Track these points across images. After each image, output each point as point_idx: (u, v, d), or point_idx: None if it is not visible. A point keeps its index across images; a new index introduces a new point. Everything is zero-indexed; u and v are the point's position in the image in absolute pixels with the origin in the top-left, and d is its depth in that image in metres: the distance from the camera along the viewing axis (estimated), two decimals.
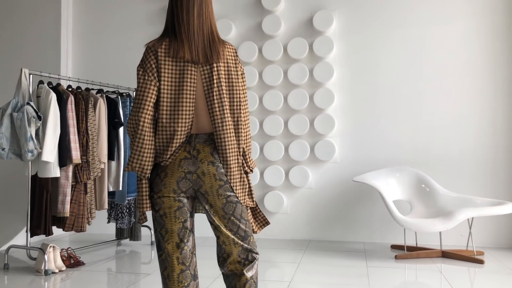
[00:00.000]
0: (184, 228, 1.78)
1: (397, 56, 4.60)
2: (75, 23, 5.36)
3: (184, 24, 1.72)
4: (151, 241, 4.55)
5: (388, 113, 4.59)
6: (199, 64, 1.73)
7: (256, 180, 4.75)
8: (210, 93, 1.73)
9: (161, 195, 1.74)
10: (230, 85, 1.77)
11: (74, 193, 3.75)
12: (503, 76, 4.38)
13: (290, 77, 4.71)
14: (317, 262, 3.80)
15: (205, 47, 1.73)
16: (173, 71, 1.71)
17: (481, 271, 3.57)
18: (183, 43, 1.71)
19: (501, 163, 4.35)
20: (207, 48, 1.73)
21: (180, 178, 1.73)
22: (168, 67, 1.70)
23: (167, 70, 1.70)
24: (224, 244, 1.77)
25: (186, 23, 1.72)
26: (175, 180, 1.73)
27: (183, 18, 1.72)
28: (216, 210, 1.76)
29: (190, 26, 1.72)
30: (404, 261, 3.83)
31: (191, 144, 1.74)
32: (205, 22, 1.75)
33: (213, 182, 1.73)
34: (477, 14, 4.45)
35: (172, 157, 1.73)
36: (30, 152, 3.47)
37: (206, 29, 1.75)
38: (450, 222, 3.71)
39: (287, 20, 4.83)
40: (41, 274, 3.46)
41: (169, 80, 1.71)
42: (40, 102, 3.66)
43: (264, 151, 4.76)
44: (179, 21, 1.73)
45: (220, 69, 1.74)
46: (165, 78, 1.70)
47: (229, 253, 1.78)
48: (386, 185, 4.17)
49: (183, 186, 1.74)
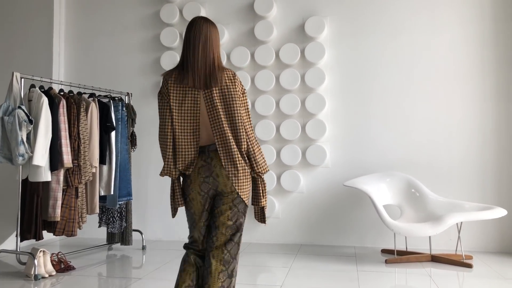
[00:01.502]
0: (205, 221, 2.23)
1: (388, 63, 4.65)
2: (67, 27, 5.36)
3: (190, 58, 2.13)
4: (142, 246, 4.54)
5: (378, 118, 4.64)
6: (201, 89, 2.12)
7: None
8: (210, 111, 2.13)
9: (190, 198, 2.20)
10: (227, 104, 2.12)
11: (65, 197, 3.74)
12: (491, 82, 4.46)
13: (282, 82, 4.74)
14: (308, 267, 3.82)
15: (206, 76, 2.12)
16: (179, 95, 2.13)
17: (470, 275, 3.61)
18: (188, 73, 2.12)
19: (489, 169, 4.41)
20: (207, 76, 2.12)
21: (201, 182, 2.16)
22: (175, 91, 2.13)
23: (175, 94, 2.13)
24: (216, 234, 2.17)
25: (191, 57, 2.13)
26: (198, 185, 2.17)
27: (190, 54, 2.14)
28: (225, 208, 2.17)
29: (195, 59, 2.12)
30: (394, 265, 3.87)
31: (205, 153, 2.16)
32: (208, 56, 2.13)
33: (226, 181, 2.13)
34: (466, 22, 4.53)
35: (192, 166, 2.15)
36: (21, 156, 3.46)
37: (208, 62, 2.13)
38: (439, 227, 3.75)
39: (279, 26, 4.87)
40: (31, 279, 3.44)
41: (176, 102, 2.13)
42: (31, 106, 3.65)
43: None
44: (187, 56, 2.14)
45: (218, 92, 2.12)
46: (173, 100, 2.13)
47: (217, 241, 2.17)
48: (377, 190, 4.21)
49: (205, 188, 2.16)
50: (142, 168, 5.03)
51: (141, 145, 4.97)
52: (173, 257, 4.14)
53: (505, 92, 4.43)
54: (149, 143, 5.05)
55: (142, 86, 5.14)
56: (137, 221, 4.88)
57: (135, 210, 4.81)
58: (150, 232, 4.95)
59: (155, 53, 5.13)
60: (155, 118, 5.09)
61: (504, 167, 4.39)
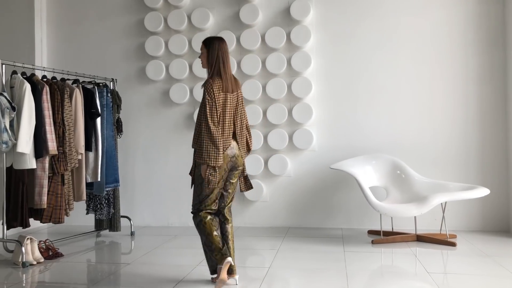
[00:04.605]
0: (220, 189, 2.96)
1: (373, 45, 4.66)
2: (49, 11, 5.25)
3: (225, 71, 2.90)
4: (131, 232, 4.54)
5: (364, 101, 4.67)
6: (233, 93, 2.94)
7: None
8: (236, 110, 2.96)
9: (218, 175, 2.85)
10: (242, 103, 3.02)
11: (51, 185, 3.71)
12: (474, 65, 4.50)
13: (268, 66, 4.73)
14: (296, 249, 3.87)
15: (232, 84, 2.94)
16: (222, 97, 2.86)
17: (454, 253, 3.70)
18: (226, 81, 2.89)
19: (472, 150, 4.49)
20: (234, 83, 2.97)
21: (228, 160, 2.88)
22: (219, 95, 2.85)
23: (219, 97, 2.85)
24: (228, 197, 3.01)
25: (224, 70, 2.90)
26: (226, 162, 2.87)
27: (223, 67, 2.90)
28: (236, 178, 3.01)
29: (229, 71, 2.93)
30: (380, 245, 3.94)
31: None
32: (230, 68, 2.96)
33: (240, 160, 2.96)
34: (449, 4, 4.55)
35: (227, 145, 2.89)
36: (4, 143, 3.42)
37: (230, 73, 2.96)
38: (424, 207, 3.82)
39: (264, 9, 4.84)
40: (19, 266, 3.43)
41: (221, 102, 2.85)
42: (14, 92, 3.59)
43: None
44: (223, 69, 2.90)
45: (239, 95, 3.00)
46: (219, 100, 2.84)
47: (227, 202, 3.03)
48: (363, 172, 4.26)
49: (229, 166, 2.90)
50: (129, 155, 5.01)
51: (127, 131, 4.93)
52: (161, 242, 4.16)
53: (488, 74, 4.48)
54: (135, 129, 5.02)
55: (127, 71, 5.08)
56: (125, 207, 4.88)
57: (122, 196, 4.80)
58: (139, 218, 4.95)
59: (139, 38, 5.06)
60: (140, 104, 5.06)
61: (486, 147, 4.47)
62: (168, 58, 4.98)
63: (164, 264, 3.48)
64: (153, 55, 4.98)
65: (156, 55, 4.97)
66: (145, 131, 5.02)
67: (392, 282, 3.10)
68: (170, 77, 4.93)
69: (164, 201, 4.96)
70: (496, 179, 4.43)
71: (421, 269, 3.26)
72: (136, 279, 3.13)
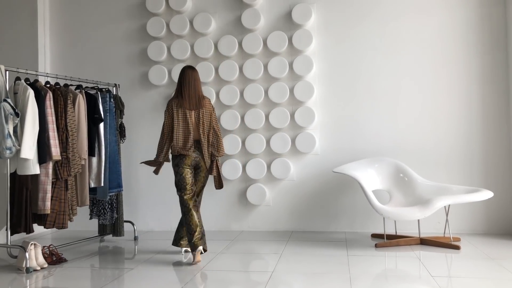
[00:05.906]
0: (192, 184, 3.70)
1: (375, 49, 4.67)
2: (52, 18, 5.28)
3: (185, 91, 3.64)
4: (134, 236, 4.55)
5: (367, 104, 4.67)
6: (193, 110, 3.62)
7: (238, 173, 4.78)
8: (198, 123, 3.62)
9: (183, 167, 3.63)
10: (206, 118, 3.65)
11: (54, 190, 3.73)
12: (477, 67, 4.50)
13: (270, 70, 4.74)
14: (299, 252, 3.87)
15: (196, 102, 3.64)
16: (180, 112, 3.60)
17: (458, 256, 3.68)
18: (184, 100, 3.62)
19: (475, 152, 4.48)
20: (197, 102, 3.64)
21: (191, 160, 3.62)
22: (177, 110, 3.60)
23: (178, 112, 3.61)
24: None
25: (186, 90, 3.64)
26: (190, 161, 3.61)
27: (185, 88, 3.64)
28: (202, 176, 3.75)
29: (191, 92, 3.64)
30: (384, 249, 3.93)
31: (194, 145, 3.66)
32: (196, 89, 3.67)
33: (202, 163, 3.67)
34: (451, 7, 4.55)
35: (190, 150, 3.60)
36: (8, 149, 3.43)
37: (195, 93, 3.65)
38: (427, 210, 3.81)
39: (266, 14, 4.86)
40: (23, 272, 3.44)
41: (179, 116, 3.59)
42: (17, 99, 3.61)
43: (245, 145, 4.79)
44: (184, 89, 3.64)
45: (202, 111, 3.64)
46: (177, 117, 3.59)
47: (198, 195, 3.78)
48: (366, 176, 4.25)
49: (193, 163, 3.65)
50: (132, 159, 5.02)
51: (130, 136, 4.95)
52: (165, 247, 4.16)
53: (490, 76, 4.48)
54: (138, 134, 5.04)
55: (130, 77, 5.10)
56: (129, 212, 4.89)
57: (126, 201, 4.81)
58: (142, 223, 4.96)
59: (141, 43, 5.09)
60: (143, 109, 5.08)
61: (490, 149, 4.46)
62: (170, 63, 5.00)
63: (168, 269, 3.48)
64: (156, 60, 5.00)
65: (159, 60, 4.99)
66: (148, 136, 5.03)
67: (396, 285, 3.09)
68: (173, 82, 4.95)
69: (167, 205, 4.96)
70: (500, 181, 4.41)
71: (425, 272, 3.25)
72: (140, 284, 3.13)
